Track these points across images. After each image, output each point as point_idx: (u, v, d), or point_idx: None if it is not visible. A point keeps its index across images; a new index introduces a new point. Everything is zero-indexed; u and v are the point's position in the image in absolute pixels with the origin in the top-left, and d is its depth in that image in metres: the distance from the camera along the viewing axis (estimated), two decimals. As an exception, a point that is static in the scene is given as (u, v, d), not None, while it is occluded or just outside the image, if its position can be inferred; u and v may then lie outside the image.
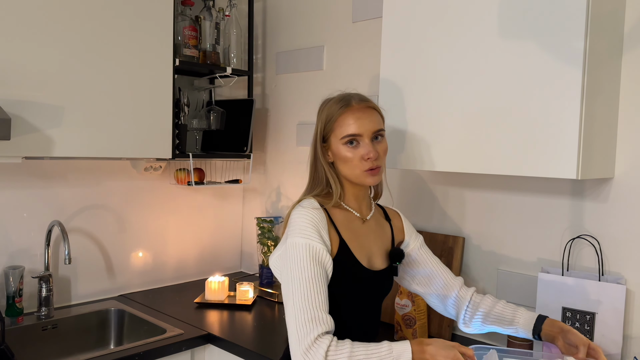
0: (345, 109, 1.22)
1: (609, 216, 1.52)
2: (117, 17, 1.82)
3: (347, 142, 1.21)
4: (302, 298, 1.09)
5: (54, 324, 1.89)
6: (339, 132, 1.22)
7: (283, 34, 2.41)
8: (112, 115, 1.82)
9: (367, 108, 1.24)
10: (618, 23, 1.45)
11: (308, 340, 1.05)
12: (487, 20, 1.43)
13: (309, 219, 1.16)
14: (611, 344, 1.44)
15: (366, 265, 1.24)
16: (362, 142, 1.21)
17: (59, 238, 2.02)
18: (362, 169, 1.21)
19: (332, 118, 1.24)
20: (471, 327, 1.35)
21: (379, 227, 1.34)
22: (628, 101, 1.47)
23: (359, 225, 1.28)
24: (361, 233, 1.27)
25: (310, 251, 1.13)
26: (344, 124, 1.21)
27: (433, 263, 1.40)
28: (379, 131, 1.24)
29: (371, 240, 1.29)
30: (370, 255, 1.27)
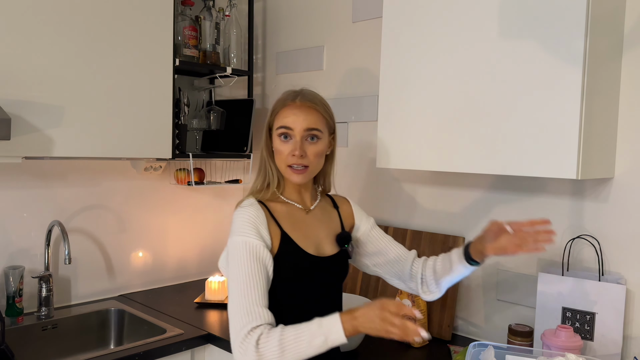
0: (288, 102, 1.27)
1: (609, 216, 1.52)
2: (117, 17, 1.82)
3: (280, 134, 1.26)
4: (239, 294, 1.13)
5: (54, 324, 1.89)
6: (277, 123, 1.27)
7: (283, 34, 2.41)
8: (112, 115, 1.82)
9: (308, 107, 1.26)
10: (618, 23, 1.45)
11: (243, 333, 1.09)
12: (487, 20, 1.43)
13: (245, 217, 1.20)
14: (611, 344, 1.44)
15: (314, 252, 1.27)
16: (293, 138, 1.25)
17: (59, 238, 2.02)
18: (286, 163, 1.25)
19: (275, 109, 1.29)
20: (432, 293, 1.37)
21: (325, 215, 1.36)
22: (628, 101, 1.47)
23: (302, 215, 1.31)
24: (306, 223, 1.30)
25: (247, 248, 1.17)
26: (282, 115, 1.26)
27: (385, 242, 1.42)
28: (313, 130, 1.25)
29: (317, 228, 1.32)
30: (318, 243, 1.30)
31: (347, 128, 2.16)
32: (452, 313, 1.78)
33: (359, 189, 2.14)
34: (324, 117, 1.28)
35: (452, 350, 1.65)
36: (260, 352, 1.07)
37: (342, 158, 2.19)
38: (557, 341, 1.36)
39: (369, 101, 2.07)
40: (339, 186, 2.19)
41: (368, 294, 1.99)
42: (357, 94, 2.12)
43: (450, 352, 1.65)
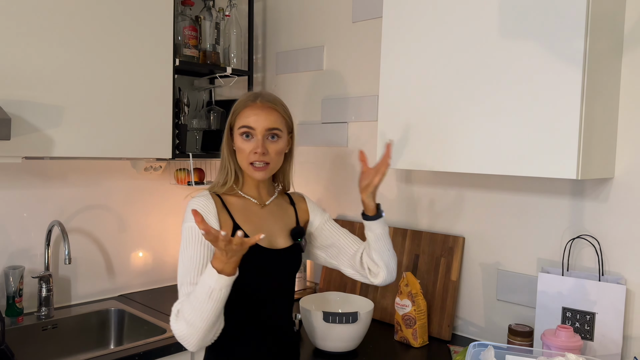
0: (249, 103, 1.33)
1: (609, 216, 1.52)
2: (117, 17, 1.82)
3: (242, 133, 1.31)
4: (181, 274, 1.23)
5: (54, 324, 1.89)
6: (238, 123, 1.32)
7: (283, 34, 2.41)
8: (112, 115, 1.82)
9: (269, 107, 1.33)
10: (618, 23, 1.45)
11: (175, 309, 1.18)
12: (487, 20, 1.43)
13: (194, 206, 1.28)
14: (611, 344, 1.44)
15: (265, 244, 1.32)
16: (254, 137, 1.31)
17: (59, 238, 2.02)
18: (248, 161, 1.31)
19: (237, 109, 1.34)
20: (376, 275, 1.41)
21: (280, 211, 1.42)
22: (628, 101, 1.47)
23: (257, 210, 1.37)
24: (260, 216, 1.36)
25: (192, 232, 1.24)
26: (244, 116, 1.32)
27: (339, 234, 1.46)
28: (274, 130, 1.32)
29: (271, 222, 1.37)
30: (271, 236, 1.35)
31: (347, 128, 2.16)
32: (452, 313, 1.78)
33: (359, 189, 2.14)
34: (284, 117, 1.35)
35: (452, 350, 1.65)
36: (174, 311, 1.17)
37: (342, 158, 2.19)
38: (557, 341, 1.36)
39: (369, 101, 2.07)
40: (339, 186, 2.20)
41: (368, 294, 1.99)
42: (357, 94, 2.12)
43: (450, 352, 1.65)
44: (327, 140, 2.24)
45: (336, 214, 2.23)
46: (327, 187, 2.26)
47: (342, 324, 1.57)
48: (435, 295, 1.82)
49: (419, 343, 1.70)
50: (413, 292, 1.70)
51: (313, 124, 2.29)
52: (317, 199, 2.30)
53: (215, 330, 1.17)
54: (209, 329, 1.14)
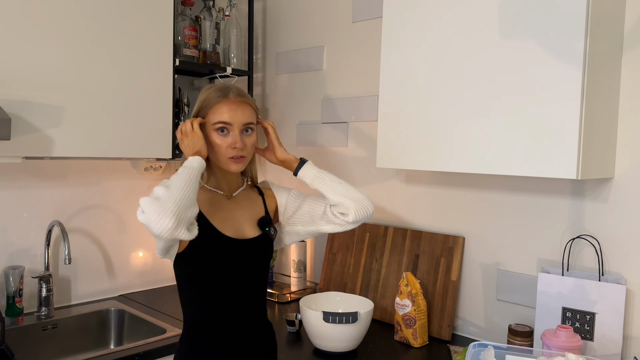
0: (222, 99, 1.31)
1: (609, 216, 1.52)
2: (117, 17, 1.82)
3: (218, 129, 1.30)
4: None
5: (54, 324, 1.89)
6: (212, 118, 1.31)
7: (283, 34, 2.41)
8: (112, 115, 1.82)
9: (242, 102, 1.32)
10: (618, 23, 1.45)
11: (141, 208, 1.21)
12: (487, 20, 1.43)
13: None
14: (611, 344, 1.44)
15: (233, 235, 1.32)
16: (231, 132, 1.31)
17: (59, 238, 2.02)
18: (227, 156, 1.31)
19: (208, 104, 1.32)
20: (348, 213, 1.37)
21: (248, 202, 1.42)
22: (628, 101, 1.47)
23: (223, 201, 1.37)
24: (226, 208, 1.36)
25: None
26: (218, 112, 1.30)
27: (305, 200, 1.45)
28: (249, 124, 1.33)
29: (238, 213, 1.37)
30: (239, 226, 1.35)
31: (347, 128, 2.16)
32: (452, 313, 1.78)
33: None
34: (254, 110, 1.36)
35: (452, 350, 1.65)
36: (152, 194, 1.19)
37: (342, 158, 2.19)
38: (557, 341, 1.36)
39: (369, 101, 2.07)
40: (339, 186, 2.20)
41: (368, 294, 1.99)
42: (357, 94, 2.12)
43: (450, 352, 1.65)
44: (327, 140, 2.24)
45: (336, 214, 2.22)
46: (327, 187, 2.25)
47: (342, 324, 1.57)
48: (435, 295, 1.82)
49: (419, 343, 1.70)
50: (413, 292, 1.70)
51: (313, 124, 2.29)
52: (317, 199, 2.29)
53: (190, 214, 1.15)
54: (184, 198, 1.14)
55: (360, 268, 2.05)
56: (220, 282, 1.30)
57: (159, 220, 1.12)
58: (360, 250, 2.06)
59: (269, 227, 1.40)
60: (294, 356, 1.64)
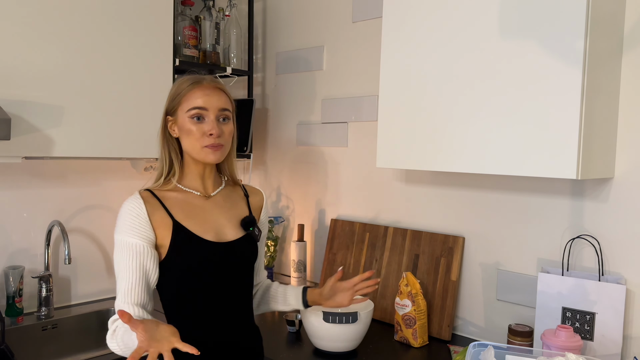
0: (195, 85, 1.25)
1: (609, 216, 1.52)
2: (117, 17, 1.82)
3: (192, 115, 1.23)
4: (117, 288, 1.21)
5: (54, 324, 1.89)
6: (186, 105, 1.24)
7: (283, 34, 2.41)
8: (112, 115, 1.82)
9: (216, 88, 1.26)
10: (618, 23, 1.45)
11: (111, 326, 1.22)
12: (487, 20, 1.43)
13: (125, 214, 1.21)
14: (611, 344, 1.44)
15: (213, 238, 1.26)
16: (207, 118, 1.24)
17: (59, 238, 2.02)
18: (202, 144, 1.23)
19: (180, 92, 1.26)
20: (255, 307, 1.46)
21: (228, 202, 1.35)
22: (628, 101, 1.47)
23: (200, 202, 1.29)
24: (204, 209, 1.29)
25: (124, 246, 1.19)
26: (192, 97, 1.24)
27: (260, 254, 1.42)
28: (225, 111, 1.26)
29: (217, 214, 1.30)
30: (219, 228, 1.29)
31: (347, 128, 2.16)
32: (452, 313, 1.78)
33: (359, 189, 2.14)
34: (230, 99, 1.29)
35: (452, 350, 1.65)
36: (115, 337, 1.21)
37: (342, 158, 2.19)
38: (557, 341, 1.36)
39: (369, 101, 2.07)
40: (339, 186, 2.20)
41: (368, 294, 1.99)
42: (357, 94, 2.12)
43: (450, 352, 1.65)
44: (327, 140, 2.24)
45: (336, 214, 2.23)
46: (327, 187, 2.26)
47: (342, 323, 1.57)
48: (435, 295, 1.82)
49: (419, 343, 1.70)
50: (413, 292, 1.70)
51: (313, 124, 2.29)
52: (317, 199, 2.30)
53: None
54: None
55: (360, 268, 2.05)
56: (204, 288, 1.24)
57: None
58: (360, 250, 2.06)
59: (253, 227, 1.33)
60: (294, 356, 1.64)
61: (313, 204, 2.32)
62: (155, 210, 1.23)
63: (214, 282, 1.26)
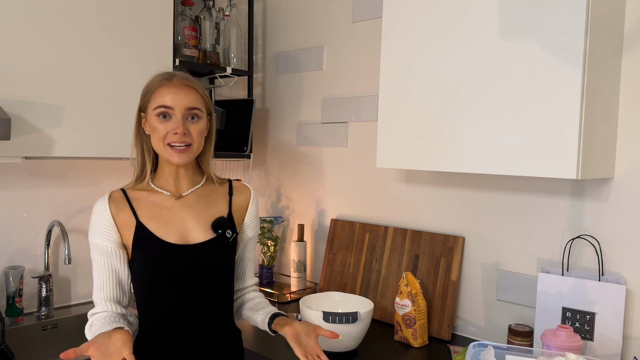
0: (164, 82, 1.23)
1: (609, 216, 1.52)
2: (117, 17, 1.82)
3: (159, 113, 1.21)
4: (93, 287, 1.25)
5: (54, 324, 1.89)
6: (154, 103, 1.22)
7: (283, 34, 2.41)
8: (112, 115, 1.82)
9: (186, 86, 1.23)
10: (618, 23, 1.45)
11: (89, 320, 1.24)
12: (487, 20, 1.43)
13: (93, 216, 1.24)
14: (611, 344, 1.44)
15: (176, 240, 1.23)
16: (173, 117, 1.21)
17: (59, 238, 2.02)
18: (165, 143, 1.21)
19: (150, 89, 1.24)
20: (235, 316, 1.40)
21: (202, 202, 1.29)
22: (628, 101, 1.47)
23: (169, 203, 1.26)
24: (171, 210, 1.26)
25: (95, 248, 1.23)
26: (159, 95, 1.22)
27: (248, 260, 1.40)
28: (194, 109, 1.22)
29: (186, 215, 1.26)
30: (186, 230, 1.25)
31: (347, 128, 2.16)
32: (452, 313, 1.78)
33: (359, 189, 2.14)
34: (202, 96, 1.26)
35: (452, 350, 1.65)
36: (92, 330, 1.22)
37: (342, 158, 2.19)
38: (557, 341, 1.36)
39: (369, 101, 2.07)
40: (339, 186, 2.20)
41: (368, 294, 1.99)
42: (357, 94, 2.12)
43: (450, 352, 1.65)
44: (327, 140, 2.24)
45: (336, 214, 2.23)
46: (327, 187, 2.26)
47: (342, 324, 1.57)
48: (435, 295, 1.82)
49: (419, 343, 1.70)
50: (413, 292, 1.70)
51: (313, 124, 2.30)
52: (317, 199, 2.30)
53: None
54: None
55: (360, 268, 2.05)
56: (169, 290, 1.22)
57: None
58: (360, 250, 2.06)
59: (223, 229, 1.26)
60: (294, 356, 1.64)
61: (313, 204, 2.32)
62: (121, 211, 1.23)
63: (179, 284, 1.23)
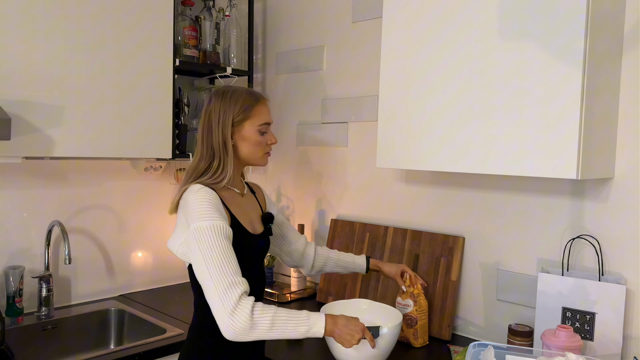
0: (259, 101, 1.42)
1: (609, 216, 1.52)
2: (118, 17, 1.82)
3: (261, 130, 1.41)
4: (217, 271, 1.20)
5: (54, 324, 1.89)
6: (257, 120, 1.40)
7: (283, 34, 2.41)
8: (112, 115, 1.83)
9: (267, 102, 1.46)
10: (618, 23, 1.45)
11: (231, 303, 1.17)
12: (487, 20, 1.43)
13: (207, 200, 1.28)
14: (611, 344, 1.44)
15: (252, 231, 1.43)
16: (268, 130, 1.44)
17: (59, 238, 2.02)
18: (264, 152, 1.44)
19: (249, 107, 1.39)
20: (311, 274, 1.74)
21: (252, 199, 1.53)
22: (628, 101, 1.47)
23: (240, 199, 1.45)
24: (242, 205, 1.45)
25: (214, 229, 1.24)
26: (260, 113, 1.40)
27: (288, 228, 1.66)
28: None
29: (250, 210, 1.48)
30: (252, 222, 1.46)
31: (347, 128, 2.16)
32: (452, 313, 1.78)
33: (358, 189, 2.14)
34: None
35: (452, 350, 1.65)
36: (255, 320, 1.17)
37: (342, 158, 2.19)
38: (557, 341, 1.36)
39: (369, 101, 2.07)
40: (339, 186, 2.20)
41: (368, 294, 1.99)
42: (357, 94, 2.12)
43: (450, 352, 1.65)
44: (327, 140, 2.24)
45: (336, 214, 2.23)
46: (327, 187, 2.26)
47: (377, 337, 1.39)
48: (435, 295, 1.82)
49: (420, 343, 1.70)
50: (415, 292, 1.70)
51: (313, 124, 2.30)
52: (317, 199, 2.30)
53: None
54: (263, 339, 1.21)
55: (360, 268, 2.04)
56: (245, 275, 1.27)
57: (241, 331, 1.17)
58: (361, 250, 2.06)
59: (272, 222, 1.52)
60: (294, 356, 1.64)
61: (313, 204, 2.32)
62: (221, 203, 1.33)
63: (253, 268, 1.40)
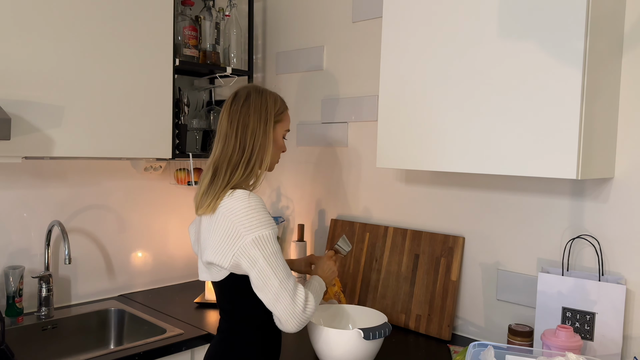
0: (286, 106, 1.48)
1: (609, 216, 1.52)
2: (117, 17, 1.82)
3: (286, 135, 1.48)
4: (284, 274, 1.29)
5: (54, 324, 1.89)
6: (285, 125, 1.47)
7: (283, 34, 2.41)
8: (112, 115, 1.82)
9: None
10: (618, 23, 1.45)
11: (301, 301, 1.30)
12: (487, 20, 1.43)
13: (261, 207, 1.31)
14: (611, 344, 1.44)
15: None
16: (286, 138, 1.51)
17: (59, 238, 2.02)
18: (279, 158, 1.49)
19: (282, 111, 1.45)
20: None
21: None
22: (628, 101, 1.48)
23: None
24: None
25: (274, 236, 1.31)
26: (288, 119, 1.48)
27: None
28: None
29: None
30: None
31: (347, 128, 2.16)
32: (452, 313, 1.78)
33: (358, 189, 2.14)
34: None
35: (452, 350, 1.65)
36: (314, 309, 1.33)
37: (342, 158, 2.19)
38: (557, 341, 1.36)
39: (369, 101, 2.07)
40: (339, 186, 2.20)
41: (368, 293, 1.99)
42: (357, 94, 2.12)
43: (450, 352, 1.65)
44: (327, 140, 2.24)
45: (336, 214, 2.23)
46: (327, 187, 2.26)
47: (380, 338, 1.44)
48: (435, 295, 1.82)
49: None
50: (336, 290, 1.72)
51: (313, 124, 2.30)
52: (317, 199, 2.30)
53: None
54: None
55: (360, 268, 2.05)
56: None
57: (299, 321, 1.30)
58: (360, 250, 2.06)
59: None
60: (293, 356, 1.64)
61: (313, 204, 2.32)
62: None
63: None
